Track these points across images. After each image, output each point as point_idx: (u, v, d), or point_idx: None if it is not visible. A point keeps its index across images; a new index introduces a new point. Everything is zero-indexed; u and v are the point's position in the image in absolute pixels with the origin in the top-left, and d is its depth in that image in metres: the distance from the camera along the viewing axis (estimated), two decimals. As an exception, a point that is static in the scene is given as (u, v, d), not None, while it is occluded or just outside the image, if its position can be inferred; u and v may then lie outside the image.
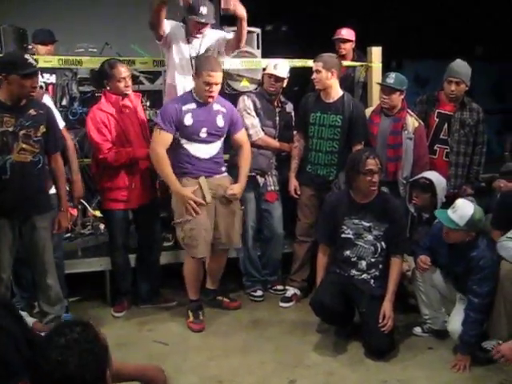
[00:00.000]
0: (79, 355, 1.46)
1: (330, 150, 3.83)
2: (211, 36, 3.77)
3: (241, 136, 3.70)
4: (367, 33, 4.83)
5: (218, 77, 3.41)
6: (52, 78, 4.34)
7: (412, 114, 3.92)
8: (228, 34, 3.84)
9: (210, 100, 3.47)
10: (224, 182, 3.60)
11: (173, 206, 3.56)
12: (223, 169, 3.66)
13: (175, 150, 3.49)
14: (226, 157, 3.86)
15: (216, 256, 3.71)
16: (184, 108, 3.44)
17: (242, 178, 3.66)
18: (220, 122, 3.54)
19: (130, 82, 3.65)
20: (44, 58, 3.97)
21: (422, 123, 3.91)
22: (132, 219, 3.85)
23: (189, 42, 3.71)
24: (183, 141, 3.48)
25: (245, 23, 3.60)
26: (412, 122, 3.87)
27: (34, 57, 3.88)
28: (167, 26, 3.66)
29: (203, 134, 3.48)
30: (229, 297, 3.97)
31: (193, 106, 3.47)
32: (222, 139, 3.61)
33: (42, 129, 3.19)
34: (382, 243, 3.36)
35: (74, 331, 1.51)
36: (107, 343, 1.58)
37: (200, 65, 3.43)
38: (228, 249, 3.76)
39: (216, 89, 3.44)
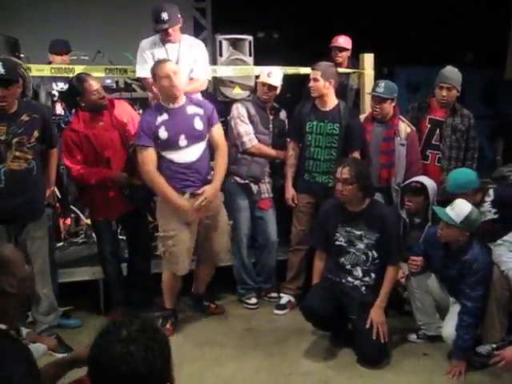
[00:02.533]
0: (145, 347, 1.32)
1: (329, 157, 3.82)
2: (189, 45, 3.81)
3: (216, 131, 3.48)
4: (359, 39, 4.85)
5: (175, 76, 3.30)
6: (66, 87, 4.31)
7: (404, 119, 3.92)
8: (195, 68, 3.82)
9: (177, 94, 3.33)
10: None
11: (157, 216, 3.54)
12: (209, 178, 3.48)
13: (160, 162, 3.37)
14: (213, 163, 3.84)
15: (205, 267, 3.71)
16: (158, 120, 3.33)
17: (217, 180, 3.46)
18: (198, 124, 3.39)
19: (103, 93, 3.54)
20: (36, 66, 3.94)
21: (413, 128, 3.91)
22: (119, 228, 3.83)
23: (165, 47, 3.75)
24: (164, 152, 3.36)
25: None
26: (404, 127, 3.87)
27: (26, 65, 3.89)
28: (149, 57, 3.71)
29: (182, 141, 3.34)
30: (214, 302, 3.96)
31: (165, 116, 3.34)
32: (206, 141, 3.45)
33: (36, 134, 3.15)
34: (374, 252, 3.34)
35: (135, 323, 1.38)
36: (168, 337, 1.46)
37: (154, 69, 3.36)
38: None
39: (176, 83, 3.30)
